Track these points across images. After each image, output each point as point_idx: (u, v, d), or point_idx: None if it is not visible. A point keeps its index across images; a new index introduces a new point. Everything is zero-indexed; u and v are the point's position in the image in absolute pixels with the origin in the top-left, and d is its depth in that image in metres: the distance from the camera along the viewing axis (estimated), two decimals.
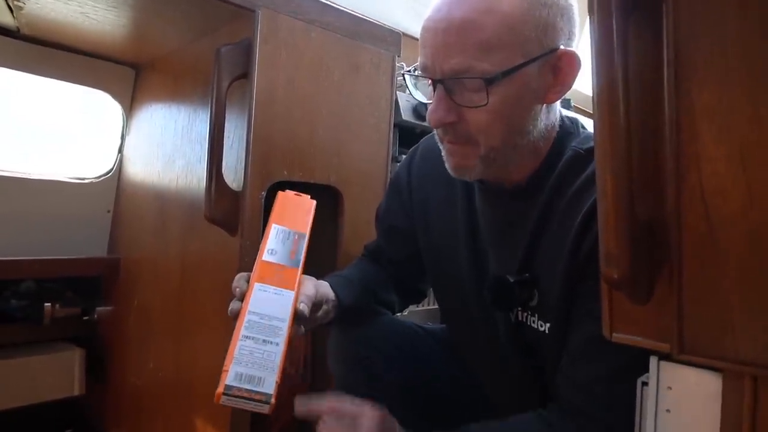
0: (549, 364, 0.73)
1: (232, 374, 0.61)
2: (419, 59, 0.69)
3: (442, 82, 0.66)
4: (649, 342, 0.52)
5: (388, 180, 1.17)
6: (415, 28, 1.66)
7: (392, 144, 1.19)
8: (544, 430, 0.66)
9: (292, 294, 0.71)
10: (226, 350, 0.63)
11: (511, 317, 0.76)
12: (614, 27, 0.43)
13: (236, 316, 0.67)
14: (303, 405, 0.67)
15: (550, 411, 0.68)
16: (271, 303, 0.68)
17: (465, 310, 0.84)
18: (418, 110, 1.26)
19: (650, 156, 0.47)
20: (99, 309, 1.42)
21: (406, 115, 1.25)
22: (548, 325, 0.71)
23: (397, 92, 1.21)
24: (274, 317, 0.67)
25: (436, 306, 1.39)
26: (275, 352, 0.63)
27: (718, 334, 0.46)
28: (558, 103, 0.73)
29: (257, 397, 0.60)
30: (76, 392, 1.36)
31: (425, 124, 1.29)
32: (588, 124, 0.77)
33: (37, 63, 1.29)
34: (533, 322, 0.73)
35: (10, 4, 1.04)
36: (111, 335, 1.40)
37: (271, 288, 0.70)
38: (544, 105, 0.69)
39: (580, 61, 0.67)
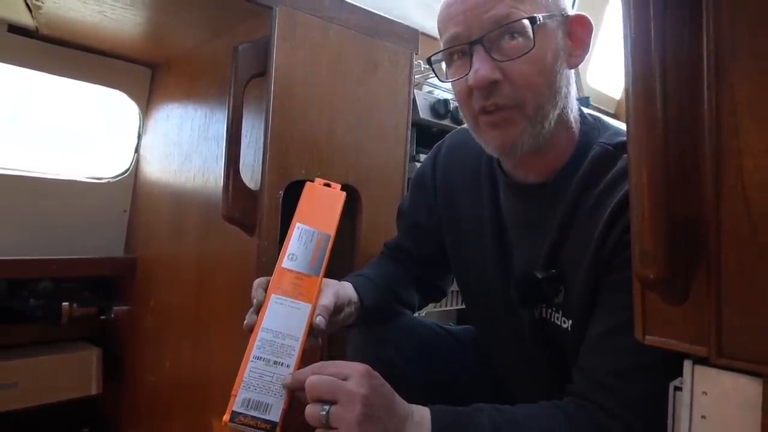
0: (571, 361, 0.71)
1: (239, 400, 0.61)
2: (447, 35, 0.69)
3: (481, 41, 0.66)
4: (684, 345, 0.50)
5: (407, 179, 1.16)
6: (429, 26, 1.65)
7: (410, 143, 1.18)
8: (560, 421, 0.63)
9: (309, 307, 0.70)
10: (241, 359, 0.63)
11: (534, 313, 0.74)
12: (651, 16, 0.41)
13: (251, 330, 0.67)
14: (291, 377, 0.65)
15: (568, 401, 0.66)
16: (287, 317, 0.68)
17: (490, 306, 0.83)
18: (436, 109, 1.25)
19: (688, 150, 0.45)
20: (116, 308, 1.43)
21: (424, 114, 1.23)
22: (570, 321, 0.69)
23: (415, 90, 1.20)
24: (288, 335, 0.67)
25: (453, 307, 1.38)
26: (285, 375, 0.63)
27: (759, 337, 0.44)
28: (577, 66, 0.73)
29: (263, 425, 0.61)
30: (93, 391, 1.37)
31: (443, 123, 1.28)
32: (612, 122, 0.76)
33: (55, 63, 1.29)
34: (557, 318, 0.72)
35: (29, 3, 1.04)
36: (127, 335, 1.40)
37: (288, 300, 0.69)
38: (570, 71, 0.71)
39: (591, 23, 0.69)
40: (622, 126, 0.73)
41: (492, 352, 0.92)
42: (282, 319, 0.67)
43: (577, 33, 0.70)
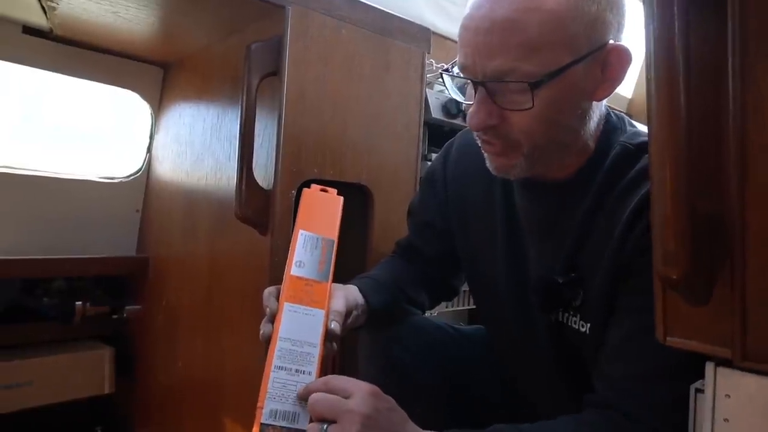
0: (589, 365, 0.70)
1: (266, 412, 0.60)
2: (458, 58, 0.67)
3: (484, 84, 0.63)
4: (707, 347, 0.49)
5: (419, 179, 1.16)
6: (441, 25, 1.64)
7: (422, 142, 1.17)
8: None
9: (322, 313, 0.70)
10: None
11: (551, 317, 0.73)
12: (675, 12, 0.40)
13: (268, 340, 0.66)
14: (304, 388, 0.64)
15: (587, 412, 0.65)
16: (302, 325, 0.68)
17: (502, 308, 0.82)
18: (448, 108, 1.24)
19: (711, 147, 0.44)
20: (128, 308, 1.43)
21: (436, 113, 1.23)
22: (589, 325, 0.68)
23: (426, 90, 1.19)
24: (305, 342, 0.66)
25: (463, 307, 1.38)
26: (307, 383, 0.63)
27: None
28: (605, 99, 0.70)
29: None
30: (106, 390, 1.37)
31: (454, 122, 1.27)
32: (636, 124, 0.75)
33: (69, 64, 1.30)
34: (574, 322, 0.70)
35: (44, 4, 1.05)
36: (140, 334, 1.41)
37: (302, 308, 0.69)
38: (593, 102, 0.67)
39: (630, 55, 0.64)
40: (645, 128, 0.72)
41: (503, 353, 0.91)
42: (298, 327, 0.67)
43: (613, 65, 0.64)
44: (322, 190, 0.84)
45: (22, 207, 1.31)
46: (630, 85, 2.54)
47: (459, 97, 0.73)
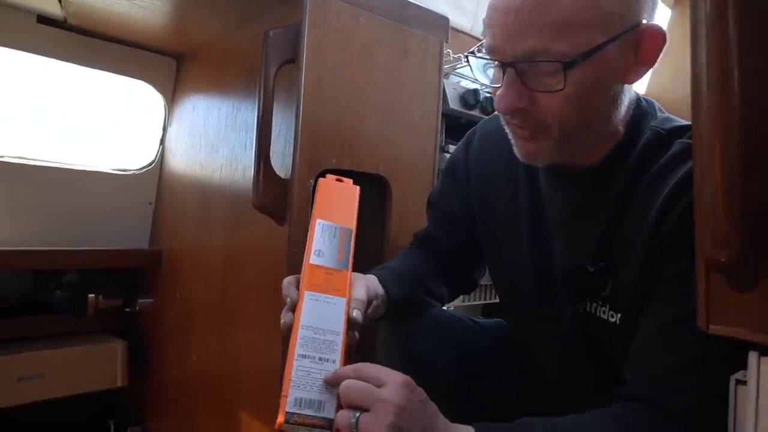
0: (618, 356, 0.68)
1: (291, 400, 0.59)
2: (486, 39, 0.65)
3: (514, 65, 0.61)
4: (753, 334, 0.47)
5: (437, 170, 1.14)
6: (454, 18, 1.62)
7: (439, 133, 1.15)
8: (614, 426, 0.60)
9: (344, 301, 0.68)
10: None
11: (579, 307, 0.71)
12: None
13: (289, 329, 0.65)
14: (332, 374, 0.62)
15: (620, 406, 0.62)
16: (324, 313, 0.66)
17: (525, 298, 0.80)
18: (465, 99, 1.22)
19: (763, 125, 0.42)
20: (140, 301, 1.43)
21: (453, 104, 1.21)
22: (619, 315, 0.66)
23: (444, 81, 1.18)
24: (328, 330, 0.65)
25: (479, 302, 1.36)
26: (332, 371, 0.61)
27: None
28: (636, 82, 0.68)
29: (318, 423, 0.58)
30: (119, 383, 1.37)
31: (472, 113, 1.25)
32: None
33: (82, 53, 1.29)
34: (603, 312, 0.68)
35: None
36: (152, 327, 1.40)
37: (322, 296, 0.68)
38: (624, 85, 0.65)
39: (665, 36, 0.61)
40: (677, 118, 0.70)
41: (526, 345, 0.89)
42: (320, 315, 0.65)
43: (646, 45, 0.62)
44: (338, 179, 0.83)
45: (36, 198, 1.31)
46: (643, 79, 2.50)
47: (485, 80, 0.71)
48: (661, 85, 1.53)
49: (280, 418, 0.58)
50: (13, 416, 1.24)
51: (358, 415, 0.54)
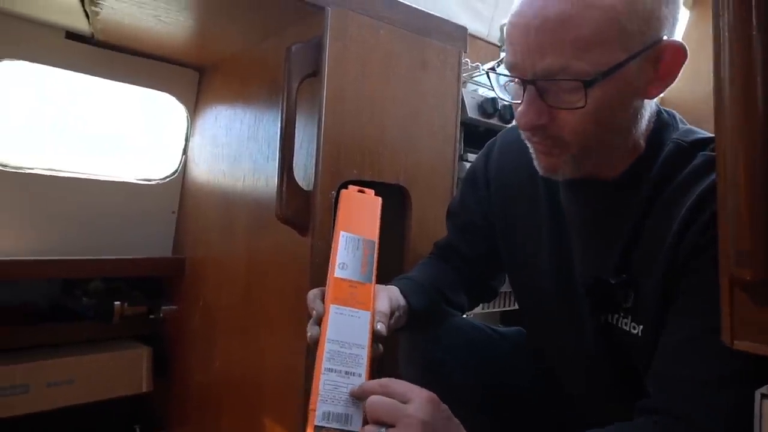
0: (640, 368, 0.69)
1: (319, 414, 0.60)
2: (507, 56, 0.66)
3: (534, 82, 0.62)
4: None
5: (456, 178, 1.15)
6: (471, 25, 1.63)
7: (458, 142, 1.16)
8: None
9: (368, 315, 0.70)
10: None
11: (600, 319, 0.72)
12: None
13: (315, 342, 0.66)
14: (359, 388, 0.63)
15: (643, 420, 0.62)
16: (349, 327, 0.67)
17: (546, 308, 0.81)
18: (483, 107, 1.23)
19: None
20: (164, 308, 1.45)
21: (471, 113, 1.22)
22: (641, 327, 0.67)
23: (462, 89, 1.19)
24: (353, 344, 0.66)
25: (497, 309, 1.37)
26: (358, 384, 0.63)
27: None
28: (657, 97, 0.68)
29: None
30: (144, 389, 1.39)
31: (490, 122, 1.26)
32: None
33: (108, 67, 1.33)
34: (625, 324, 0.69)
35: (87, 9, 1.07)
36: (176, 334, 1.42)
37: (347, 310, 0.69)
38: (645, 100, 0.65)
39: (686, 51, 0.62)
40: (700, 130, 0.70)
41: (546, 355, 0.90)
42: (345, 329, 0.67)
43: (666, 61, 0.62)
44: (360, 191, 0.84)
45: (63, 208, 1.34)
46: None
47: (505, 96, 0.72)
48: (678, 89, 1.51)
49: (309, 430, 0.60)
50: (43, 422, 1.27)
51: (383, 430, 0.55)
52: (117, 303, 1.39)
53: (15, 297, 1.35)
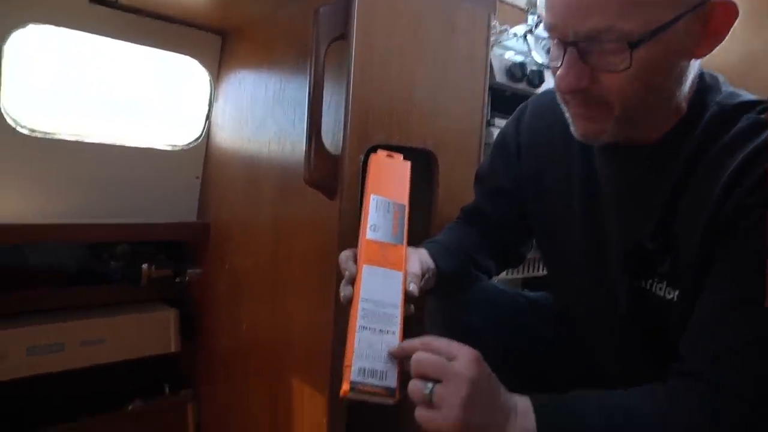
0: (673, 334, 0.68)
1: (355, 370, 0.61)
2: (546, 17, 0.64)
3: (576, 44, 0.60)
4: None
5: (483, 144, 1.14)
6: None
7: (486, 107, 1.15)
8: (669, 405, 0.60)
9: (400, 275, 0.70)
10: (344, 340, 0.63)
11: (634, 285, 0.72)
12: None
13: (349, 302, 0.67)
14: (398, 347, 0.64)
15: (676, 383, 0.62)
16: (382, 287, 0.68)
17: (576, 275, 0.81)
18: (512, 72, 1.21)
19: None
20: (190, 271, 1.48)
21: (500, 77, 1.20)
22: (677, 292, 0.66)
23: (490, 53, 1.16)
24: (387, 303, 0.67)
25: (521, 275, 1.37)
26: (393, 342, 0.64)
27: None
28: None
29: (381, 391, 0.60)
30: (173, 349, 1.43)
31: (518, 86, 1.24)
32: None
33: (132, 31, 1.32)
34: (660, 289, 0.68)
35: None
36: (202, 296, 1.45)
37: (380, 270, 0.70)
38: (691, 61, 0.63)
39: (737, 9, 0.59)
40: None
41: (575, 320, 0.90)
42: (378, 289, 0.68)
43: (716, 19, 0.59)
44: (389, 155, 0.84)
45: (90, 173, 1.36)
46: None
47: (542, 59, 0.71)
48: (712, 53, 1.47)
49: (345, 386, 0.61)
50: (78, 379, 1.32)
51: (431, 386, 0.56)
52: (144, 266, 1.42)
53: (46, 261, 1.39)
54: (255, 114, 1.24)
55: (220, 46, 1.44)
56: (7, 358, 1.20)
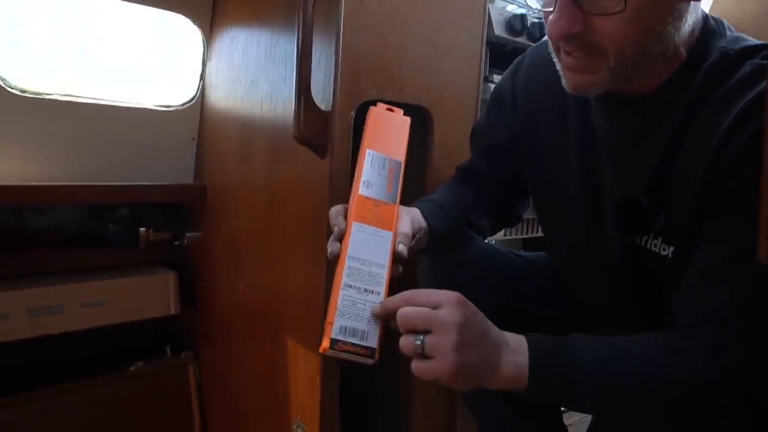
0: (666, 290, 0.67)
1: (336, 327, 0.61)
2: None
3: None
4: None
5: (480, 101, 1.11)
6: None
7: (484, 62, 1.11)
8: (669, 354, 0.59)
9: (390, 235, 0.69)
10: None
11: (628, 241, 0.70)
12: None
13: (336, 258, 0.66)
14: (380, 306, 0.63)
15: (670, 339, 0.61)
16: (370, 245, 0.67)
17: (572, 231, 0.79)
18: (512, 24, 1.16)
19: None
20: (188, 235, 1.48)
21: (498, 30, 1.15)
22: (672, 248, 0.64)
23: (489, 4, 1.12)
24: (373, 262, 0.66)
25: (520, 236, 1.35)
26: (377, 303, 0.63)
27: None
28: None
29: (362, 351, 0.61)
30: (172, 311, 1.44)
31: (518, 40, 1.19)
32: None
33: None
34: (654, 245, 0.67)
35: None
36: (201, 259, 1.45)
37: (370, 228, 0.68)
38: (691, 3, 0.60)
39: None
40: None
41: (571, 278, 0.89)
42: (366, 247, 0.67)
43: None
44: (389, 109, 0.81)
45: (83, 135, 1.34)
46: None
47: (536, 3, 0.67)
48: (724, 5, 1.41)
49: (325, 344, 0.60)
50: (79, 341, 1.34)
51: (422, 338, 0.56)
52: (142, 229, 1.41)
53: (45, 223, 1.39)
54: (248, 72, 1.21)
55: (212, 3, 1.39)
56: (8, 319, 1.21)
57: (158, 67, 1.51)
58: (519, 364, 0.58)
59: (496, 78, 1.16)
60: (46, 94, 1.27)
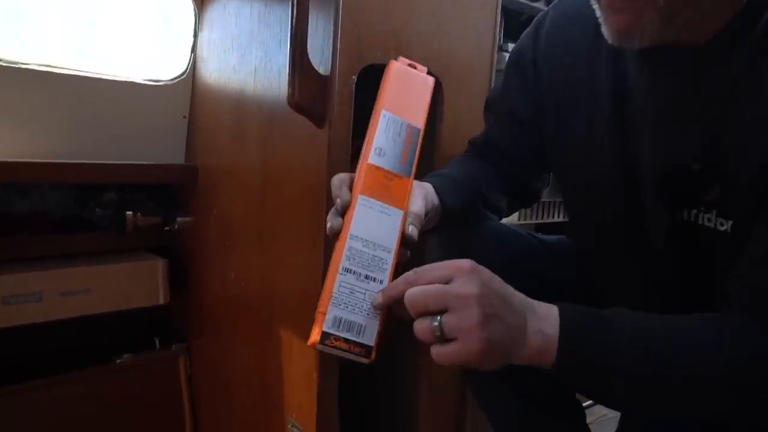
0: (719, 271, 0.58)
1: (329, 318, 0.52)
2: None
3: None
4: None
5: (493, 71, 1.01)
6: None
7: (498, 28, 1.01)
8: (721, 337, 0.51)
9: (400, 214, 0.60)
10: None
11: (675, 217, 0.60)
12: None
13: (335, 235, 0.57)
14: (381, 294, 0.55)
15: (721, 323, 0.53)
16: (377, 224, 0.58)
17: (603, 211, 0.70)
18: None
19: None
20: (179, 219, 1.39)
21: None
22: (731, 222, 0.55)
23: None
24: (378, 245, 0.57)
25: (535, 221, 1.26)
26: (377, 293, 0.55)
27: None
28: None
29: (356, 349, 0.53)
30: (161, 301, 1.35)
31: (535, 5, 1.10)
32: None
33: None
34: (708, 220, 0.57)
35: None
36: (192, 246, 1.37)
37: (378, 204, 0.59)
38: None
39: None
40: None
41: (596, 269, 0.80)
42: (372, 226, 0.57)
43: None
44: (411, 65, 0.71)
45: (66, 109, 1.25)
46: None
47: None
48: None
49: (315, 336, 0.52)
50: (62, 331, 1.25)
51: (439, 318, 0.48)
52: (129, 213, 1.33)
53: (27, 206, 1.30)
54: (240, 39, 1.12)
55: None
56: None
57: (148, 39, 1.41)
58: (547, 335, 0.51)
59: (512, 47, 1.07)
60: (23, 63, 1.17)
